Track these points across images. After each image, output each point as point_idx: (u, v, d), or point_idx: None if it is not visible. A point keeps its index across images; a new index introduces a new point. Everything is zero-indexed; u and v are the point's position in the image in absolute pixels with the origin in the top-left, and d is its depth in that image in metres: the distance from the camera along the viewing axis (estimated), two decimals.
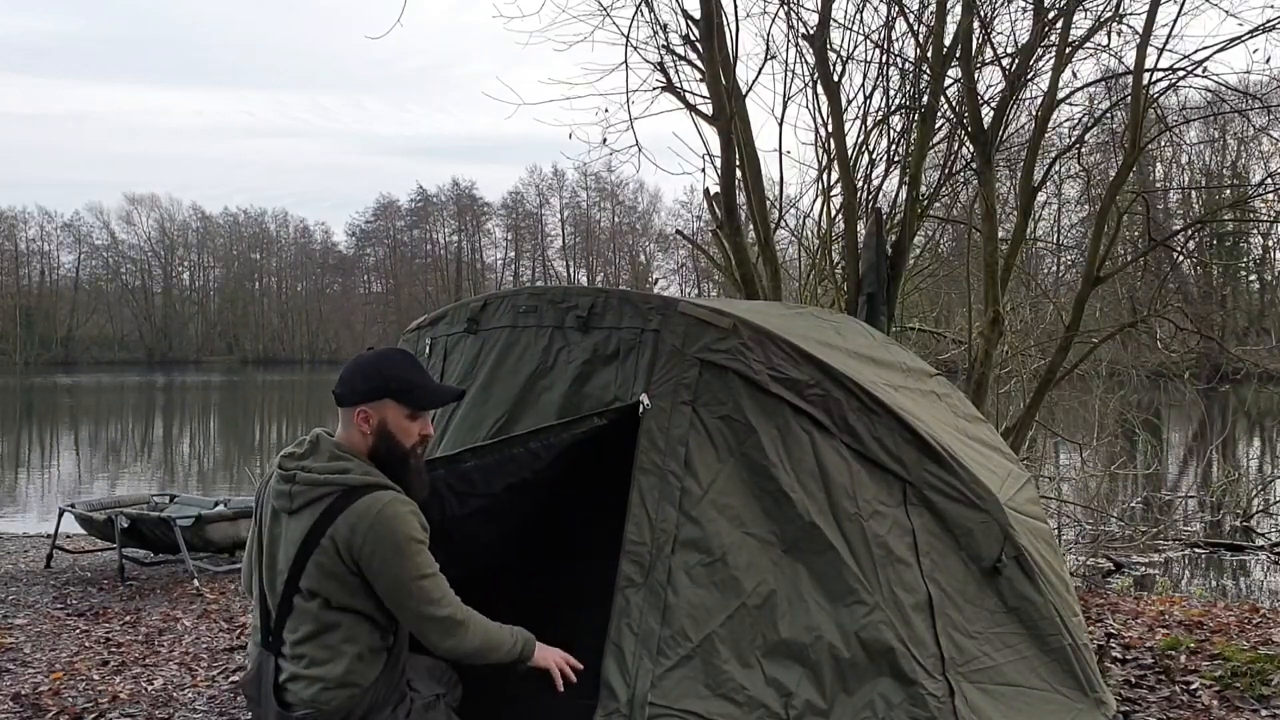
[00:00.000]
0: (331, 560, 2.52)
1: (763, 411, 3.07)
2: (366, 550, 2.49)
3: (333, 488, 2.55)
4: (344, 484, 2.55)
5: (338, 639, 2.56)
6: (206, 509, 8.04)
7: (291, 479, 2.59)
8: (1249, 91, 6.58)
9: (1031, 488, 4.00)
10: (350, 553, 2.50)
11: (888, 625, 3.03)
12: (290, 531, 2.59)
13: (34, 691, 4.75)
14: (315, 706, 2.56)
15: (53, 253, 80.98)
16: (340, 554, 2.51)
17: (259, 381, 56.93)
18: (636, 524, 2.97)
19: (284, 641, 2.61)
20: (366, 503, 2.52)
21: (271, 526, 2.65)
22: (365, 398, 2.64)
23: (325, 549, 2.52)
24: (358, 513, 2.51)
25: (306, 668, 2.57)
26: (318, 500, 2.55)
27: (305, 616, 2.57)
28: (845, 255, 6.25)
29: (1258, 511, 11.58)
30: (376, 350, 2.80)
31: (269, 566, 2.65)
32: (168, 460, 21.59)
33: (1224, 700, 4.27)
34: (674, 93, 6.34)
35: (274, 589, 2.63)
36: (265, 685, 2.65)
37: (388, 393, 2.65)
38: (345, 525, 2.50)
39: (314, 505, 2.55)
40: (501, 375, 3.44)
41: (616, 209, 79.82)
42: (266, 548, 2.67)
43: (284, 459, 2.65)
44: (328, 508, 2.53)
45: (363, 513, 2.50)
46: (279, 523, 2.63)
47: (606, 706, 2.83)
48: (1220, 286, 26.04)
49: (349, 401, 2.66)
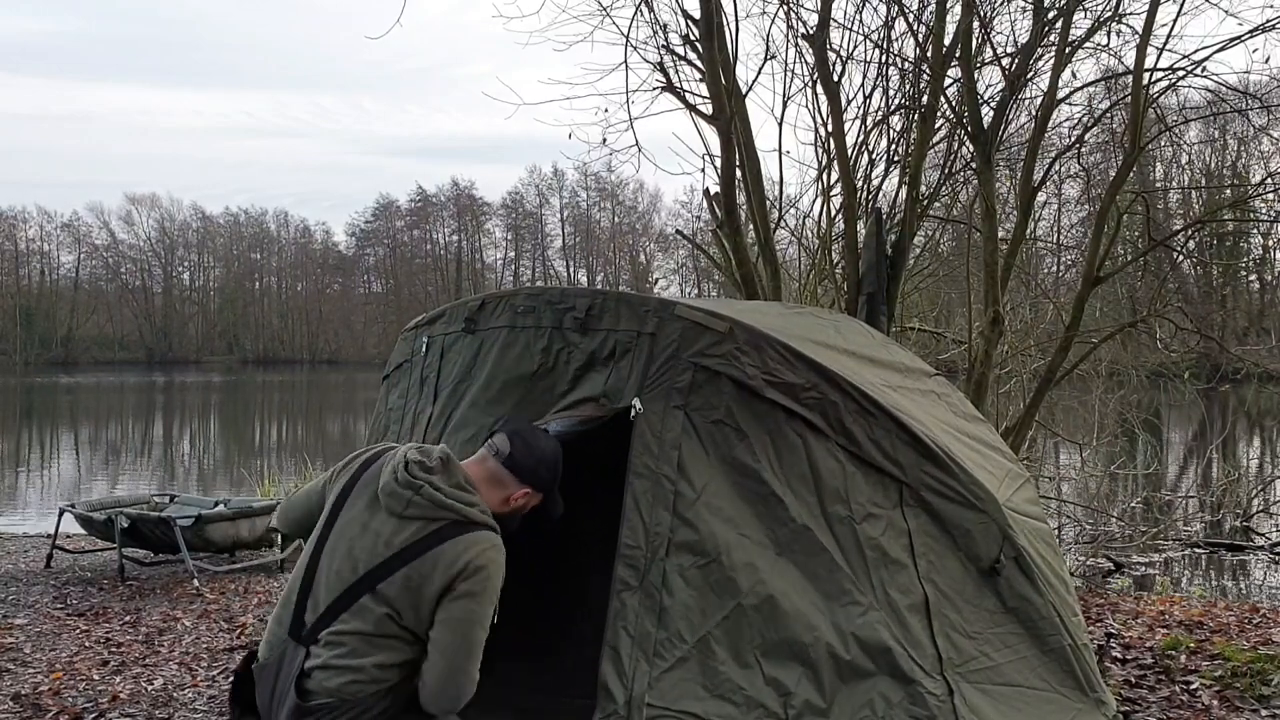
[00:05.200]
0: (421, 579, 2.52)
1: (754, 416, 3.07)
2: (463, 579, 2.51)
3: (457, 516, 2.58)
4: (466, 516, 2.59)
5: (387, 644, 2.54)
6: (206, 509, 8.03)
7: (418, 489, 2.59)
8: (1249, 91, 6.58)
9: (1031, 488, 4.00)
10: (446, 577, 2.51)
11: (884, 625, 3.03)
12: (388, 532, 2.57)
13: (34, 691, 4.75)
14: (338, 695, 2.51)
15: (52, 253, 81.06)
16: (434, 575, 2.51)
17: (259, 381, 56.93)
18: (631, 527, 2.97)
19: (326, 628, 2.55)
20: (484, 538, 2.58)
21: (362, 515, 2.62)
22: (540, 486, 2.75)
23: (421, 567, 2.52)
24: (473, 544, 2.55)
25: (343, 657, 2.52)
26: (434, 519, 2.57)
27: (366, 616, 2.53)
28: (845, 255, 6.25)
29: (1258, 511, 11.57)
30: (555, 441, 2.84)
31: (339, 553, 2.60)
32: (168, 460, 21.59)
33: (1224, 700, 4.27)
34: (674, 93, 6.34)
35: (337, 577, 2.57)
36: (286, 675, 2.57)
37: (549, 491, 2.78)
38: (454, 551, 2.53)
39: (428, 521, 2.57)
40: (499, 375, 3.44)
41: (616, 209, 79.84)
42: (340, 532, 2.62)
43: (414, 466, 2.63)
44: (441, 529, 2.56)
45: (479, 547, 2.55)
46: (375, 516, 2.60)
47: (604, 708, 2.83)
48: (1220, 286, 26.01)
49: (526, 479, 2.72)
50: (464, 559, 2.52)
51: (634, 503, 2.98)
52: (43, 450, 23.32)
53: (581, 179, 76.62)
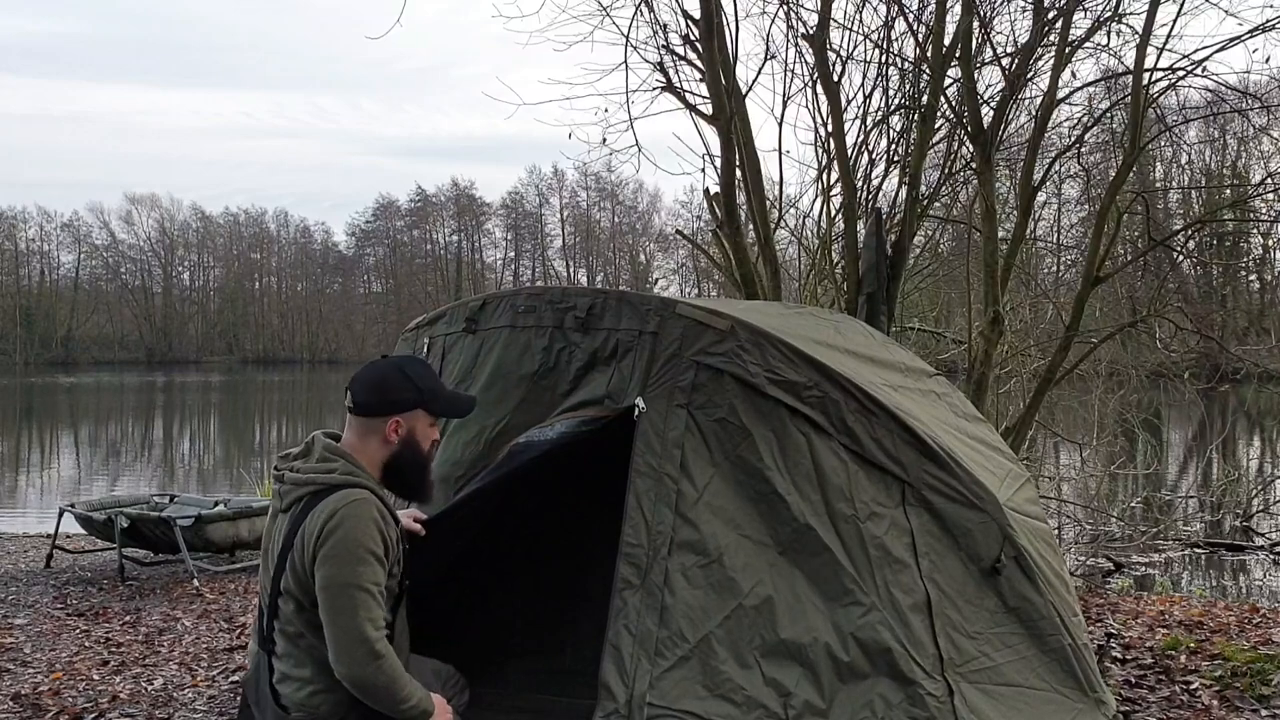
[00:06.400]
0: (299, 557, 2.51)
1: (758, 414, 3.06)
2: (323, 544, 2.46)
3: (314, 486, 2.56)
4: (324, 482, 2.55)
5: (311, 642, 2.54)
6: (206, 509, 8.03)
7: (280, 479, 2.63)
8: (1249, 91, 6.58)
9: (1031, 487, 4.00)
10: (312, 548, 2.48)
11: (885, 626, 3.03)
12: (277, 530, 2.62)
13: (34, 691, 4.75)
14: (307, 710, 2.56)
15: (52, 253, 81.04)
16: (305, 550, 2.49)
17: (259, 381, 56.91)
18: (633, 526, 2.97)
19: (274, 642, 2.63)
20: (336, 498, 2.51)
21: (269, 526, 2.69)
22: (399, 408, 2.65)
23: (296, 547, 2.51)
24: (326, 507, 2.50)
25: (293, 668, 2.58)
26: (300, 500, 2.57)
27: (287, 617, 2.58)
28: (845, 255, 6.24)
29: (1258, 511, 11.57)
30: (393, 359, 2.78)
31: (264, 566, 2.68)
32: (168, 460, 21.59)
33: (1224, 700, 4.27)
34: (674, 93, 6.34)
35: (266, 588, 2.65)
36: (262, 685, 2.66)
37: (420, 402, 2.67)
38: (313, 521, 2.50)
39: (297, 504, 2.57)
40: (501, 376, 3.44)
41: (616, 209, 79.81)
42: (267, 547, 2.70)
43: (280, 460, 2.68)
44: (305, 505, 2.55)
45: (331, 508, 2.49)
46: (275, 522, 2.66)
47: (605, 707, 2.83)
48: (1220, 286, 26.02)
49: (380, 411, 2.64)
50: (319, 524, 2.48)
51: (636, 501, 2.98)
52: (43, 450, 23.31)
53: (581, 179, 76.72)
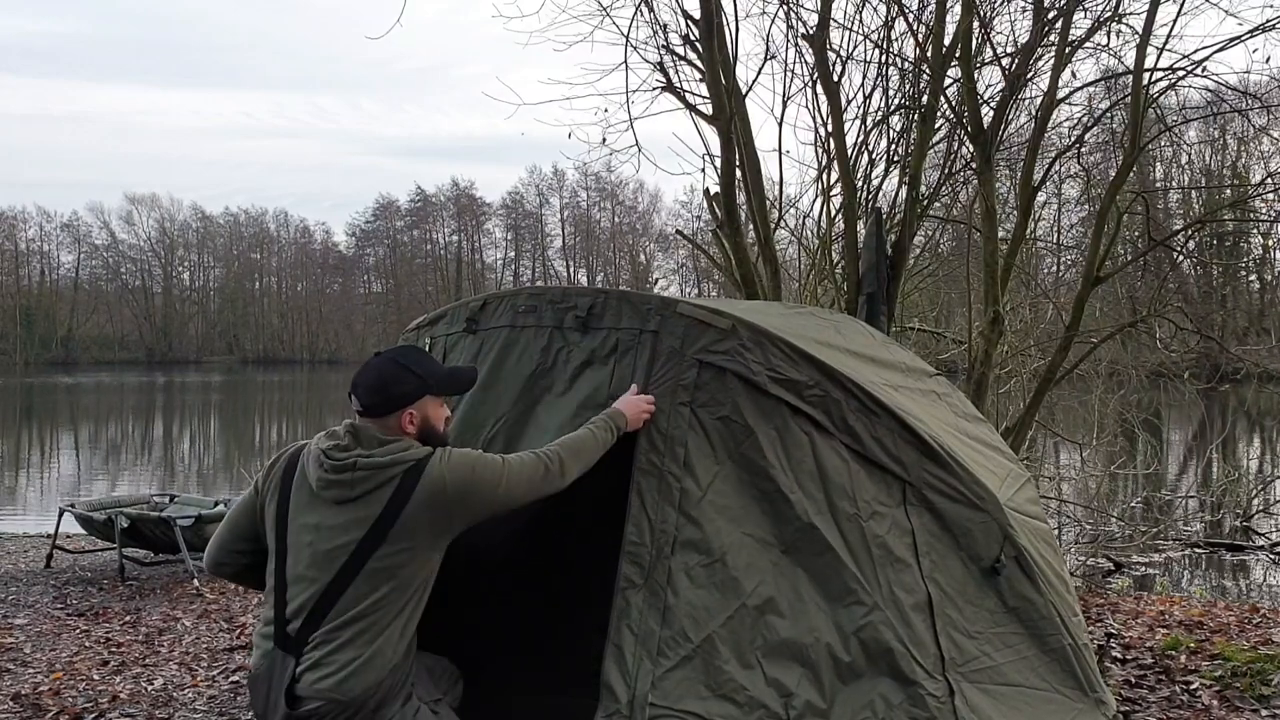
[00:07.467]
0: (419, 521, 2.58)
1: (761, 412, 3.06)
2: (460, 491, 2.61)
3: (402, 465, 2.61)
4: (411, 459, 2.63)
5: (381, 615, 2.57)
6: (206, 509, 8.03)
7: (351, 467, 2.61)
8: (1249, 91, 6.58)
9: (1031, 487, 4.00)
10: (443, 505, 2.59)
11: (887, 625, 3.03)
12: (345, 520, 2.59)
13: (34, 691, 4.75)
14: (331, 697, 2.53)
15: (52, 253, 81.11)
16: (431, 510, 2.58)
17: (259, 381, 56.91)
18: (636, 525, 2.96)
19: (317, 629, 2.57)
20: (437, 459, 2.64)
21: (309, 517, 2.64)
22: (407, 400, 2.72)
23: (409, 524, 2.57)
24: (432, 469, 2.61)
25: (331, 654, 2.55)
26: (387, 482, 2.60)
27: (356, 599, 2.56)
28: (845, 255, 6.24)
29: (1258, 511, 11.58)
30: (386, 355, 2.81)
31: (303, 560, 2.62)
32: (168, 460, 21.59)
33: (1224, 700, 4.27)
34: (674, 93, 6.34)
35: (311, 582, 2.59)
36: (276, 686, 2.60)
37: (424, 389, 2.73)
38: (426, 490, 2.58)
39: (384, 487, 2.59)
40: (501, 375, 3.44)
41: (616, 209, 79.83)
42: (295, 541, 2.64)
43: (334, 451, 2.64)
44: (401, 484, 2.59)
45: (440, 467, 2.62)
46: (322, 513, 2.62)
47: (607, 707, 2.83)
48: (1220, 286, 26.01)
49: (390, 409, 2.70)
50: (443, 485, 2.60)
51: (639, 500, 2.97)
52: (43, 450, 23.31)
53: (581, 179, 76.74)
